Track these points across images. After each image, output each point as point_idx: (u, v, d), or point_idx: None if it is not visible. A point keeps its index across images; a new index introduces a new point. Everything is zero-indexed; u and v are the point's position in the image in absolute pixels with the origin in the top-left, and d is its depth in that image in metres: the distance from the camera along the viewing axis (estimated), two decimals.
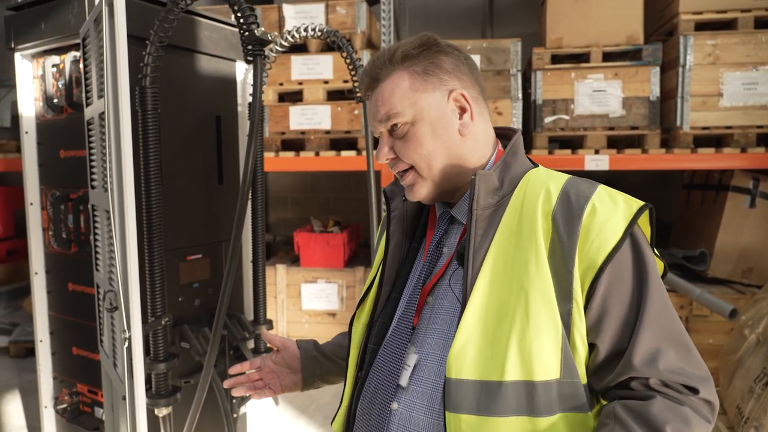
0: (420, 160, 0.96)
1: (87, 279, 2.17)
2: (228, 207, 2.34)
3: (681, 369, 0.83)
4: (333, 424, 1.09)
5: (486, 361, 0.84)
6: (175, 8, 1.74)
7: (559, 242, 0.85)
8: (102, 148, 1.63)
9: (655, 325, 0.83)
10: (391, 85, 0.96)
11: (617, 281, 0.84)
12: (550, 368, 0.82)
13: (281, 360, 1.19)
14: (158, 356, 1.87)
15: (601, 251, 0.83)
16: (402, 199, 1.06)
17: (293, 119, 3.73)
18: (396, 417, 0.92)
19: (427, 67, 0.96)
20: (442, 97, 0.96)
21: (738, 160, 3.32)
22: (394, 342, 0.98)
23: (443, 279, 0.97)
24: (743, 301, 3.29)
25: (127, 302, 1.46)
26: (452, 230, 1.03)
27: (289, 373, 1.19)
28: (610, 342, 0.84)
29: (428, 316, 0.96)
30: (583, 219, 0.84)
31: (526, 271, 0.85)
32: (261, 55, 1.48)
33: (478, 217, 0.91)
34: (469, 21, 5.09)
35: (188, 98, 2.12)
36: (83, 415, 2.26)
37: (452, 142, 0.96)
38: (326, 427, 3.22)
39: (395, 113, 0.95)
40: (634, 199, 0.88)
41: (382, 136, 0.99)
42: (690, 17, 3.33)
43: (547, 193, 0.89)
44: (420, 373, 0.92)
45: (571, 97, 3.45)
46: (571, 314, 0.83)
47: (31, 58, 2.24)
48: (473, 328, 0.86)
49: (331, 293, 4.04)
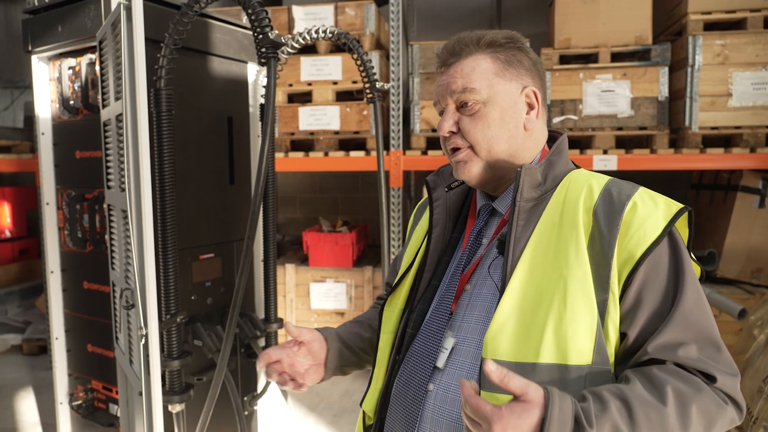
0: (483, 140, 0.99)
1: (102, 277, 2.21)
2: (239, 207, 2.37)
3: (700, 358, 0.83)
4: (363, 404, 1.10)
5: (521, 343, 0.86)
6: (189, 11, 1.77)
7: (599, 235, 0.88)
8: (119, 149, 1.66)
9: (685, 321, 0.84)
10: (473, 63, 1.00)
11: (653, 275, 0.87)
12: (583, 353, 0.84)
13: (305, 352, 1.16)
14: (172, 353, 1.90)
15: (640, 245, 0.86)
16: (444, 189, 1.09)
17: (302, 120, 3.76)
18: (432, 397, 0.95)
19: (509, 58, 1.01)
20: (517, 90, 1.01)
21: (747, 160, 3.31)
22: (431, 327, 1.01)
23: (482, 266, 1.00)
24: (752, 301, 3.29)
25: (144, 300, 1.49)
26: (492, 222, 1.06)
27: (312, 365, 1.17)
28: (639, 332, 0.86)
29: (466, 302, 0.99)
30: (624, 214, 0.88)
31: (565, 260, 0.88)
32: (275, 58, 1.50)
33: (520, 208, 0.94)
34: (477, 21, 5.10)
35: (201, 99, 2.15)
36: (98, 412, 2.30)
37: (516, 132, 1.00)
38: (335, 425, 3.25)
39: (472, 88, 0.98)
40: (673, 201, 0.91)
41: (448, 109, 1.02)
42: (699, 17, 3.33)
43: (589, 190, 0.93)
44: (457, 356, 0.95)
45: (579, 98, 3.46)
46: (606, 304, 0.86)
47: (48, 60, 2.27)
48: (510, 311, 0.88)
49: (340, 293, 4.07)
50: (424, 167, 3.66)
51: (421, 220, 1.20)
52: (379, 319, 1.12)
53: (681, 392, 0.80)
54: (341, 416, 3.35)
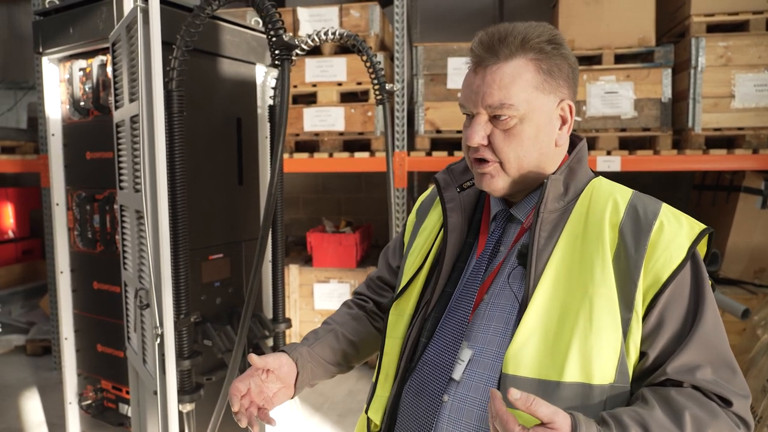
0: (515, 159, 0.94)
1: (112, 277, 2.22)
2: (248, 207, 2.38)
3: (716, 381, 0.85)
4: (369, 412, 1.07)
5: (545, 360, 0.85)
6: (201, 13, 1.78)
7: (625, 254, 0.87)
8: (133, 150, 1.67)
9: (703, 344, 0.86)
10: (513, 73, 0.91)
11: (677, 297, 0.87)
12: (606, 372, 0.84)
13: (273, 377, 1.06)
14: (183, 353, 1.91)
15: (666, 268, 0.86)
16: (456, 190, 1.05)
17: (307, 121, 3.77)
18: (447, 409, 0.93)
19: (552, 67, 0.93)
20: (554, 103, 0.95)
21: (750, 161, 3.33)
22: (445, 336, 0.98)
23: (500, 276, 0.98)
24: (755, 302, 3.30)
25: (159, 300, 1.51)
26: (510, 229, 1.02)
27: (281, 388, 1.07)
28: (659, 353, 0.87)
29: (484, 312, 0.96)
30: (651, 235, 0.87)
31: (591, 277, 0.87)
32: (289, 60, 1.52)
33: (544, 219, 0.92)
34: (479, 22, 5.11)
35: (210, 101, 2.16)
36: (108, 411, 2.31)
37: (547, 149, 0.96)
38: (340, 425, 3.26)
39: (510, 104, 0.91)
40: (695, 221, 0.92)
41: (479, 119, 0.93)
42: (702, 19, 3.35)
43: (615, 205, 0.92)
44: (474, 368, 0.93)
45: (583, 99, 3.48)
46: (630, 323, 0.86)
47: (58, 62, 2.28)
48: (534, 327, 0.87)
49: (344, 293, 4.08)
50: (428, 168, 3.68)
51: (428, 218, 1.13)
52: (385, 323, 1.07)
53: (698, 419, 0.81)
54: (346, 416, 3.37)
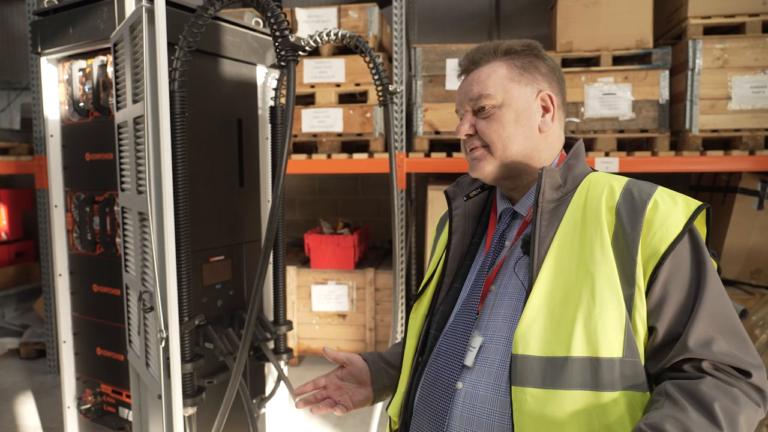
0: (498, 140, 1.04)
1: (112, 280, 2.20)
2: (248, 209, 2.37)
3: (733, 353, 0.87)
4: (389, 410, 1.11)
5: (551, 338, 0.89)
6: (204, 14, 1.77)
7: (623, 233, 0.92)
8: (136, 151, 1.66)
9: (711, 314, 0.88)
10: (489, 71, 1.06)
11: (677, 270, 0.90)
12: (613, 346, 0.87)
13: (347, 375, 1.20)
14: (185, 356, 1.89)
15: (663, 241, 0.89)
16: (463, 199, 1.14)
17: (305, 122, 3.76)
18: (461, 395, 0.97)
19: (525, 64, 1.06)
20: (532, 93, 1.06)
21: (746, 162, 3.36)
22: (457, 328, 1.03)
23: (506, 266, 1.03)
24: (752, 302, 3.33)
25: (164, 303, 1.49)
26: (514, 224, 1.10)
27: (358, 388, 1.20)
28: (667, 326, 0.89)
29: (492, 302, 1.01)
30: (646, 212, 0.91)
31: (591, 257, 0.91)
32: (294, 61, 1.51)
33: (543, 209, 0.98)
34: (476, 24, 5.13)
35: (211, 102, 2.15)
36: (107, 415, 2.28)
37: (530, 133, 1.05)
38: (341, 426, 3.25)
39: (487, 94, 1.04)
40: (692, 199, 0.95)
41: (466, 114, 1.08)
42: (699, 21, 3.38)
43: (610, 190, 0.97)
44: (486, 354, 0.97)
45: (581, 101, 3.49)
46: (633, 298, 0.89)
47: (57, 62, 2.26)
48: (539, 308, 0.91)
49: (342, 295, 4.07)
50: (427, 169, 3.67)
51: (444, 231, 1.22)
52: (406, 325, 1.15)
53: (728, 409, 0.82)
54: (347, 417, 3.35)
